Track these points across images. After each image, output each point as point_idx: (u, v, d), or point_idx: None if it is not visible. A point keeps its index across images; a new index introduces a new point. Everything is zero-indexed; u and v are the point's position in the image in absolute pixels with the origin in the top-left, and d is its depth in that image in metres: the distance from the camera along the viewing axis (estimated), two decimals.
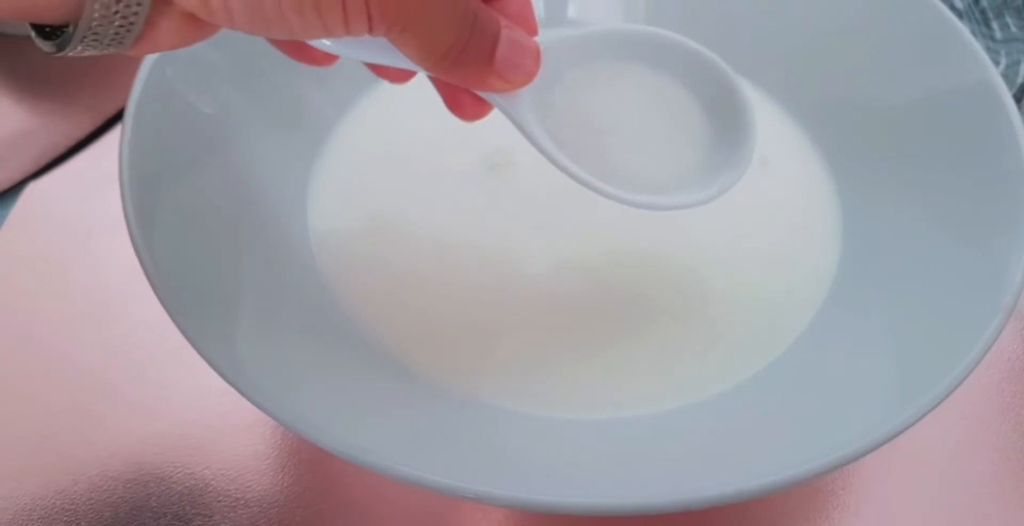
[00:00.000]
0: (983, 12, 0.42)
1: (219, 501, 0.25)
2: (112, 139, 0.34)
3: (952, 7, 0.43)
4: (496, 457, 0.22)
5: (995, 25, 0.41)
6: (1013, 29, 0.41)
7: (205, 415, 0.27)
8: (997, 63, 0.41)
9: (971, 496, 0.26)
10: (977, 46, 0.25)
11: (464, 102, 0.22)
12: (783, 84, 0.30)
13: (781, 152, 0.29)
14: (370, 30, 0.16)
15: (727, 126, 0.22)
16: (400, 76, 0.23)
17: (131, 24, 0.15)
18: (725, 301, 0.26)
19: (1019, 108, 0.40)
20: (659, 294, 0.26)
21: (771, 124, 0.30)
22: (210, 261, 0.23)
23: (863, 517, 0.25)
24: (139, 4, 0.15)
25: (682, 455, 0.22)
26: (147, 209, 0.22)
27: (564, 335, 0.25)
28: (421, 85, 0.32)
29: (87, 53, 0.15)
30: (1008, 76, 0.40)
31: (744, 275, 0.26)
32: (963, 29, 0.25)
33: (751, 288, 0.26)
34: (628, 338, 0.25)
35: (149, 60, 0.24)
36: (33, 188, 0.32)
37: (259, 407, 0.19)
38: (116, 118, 0.34)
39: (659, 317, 0.26)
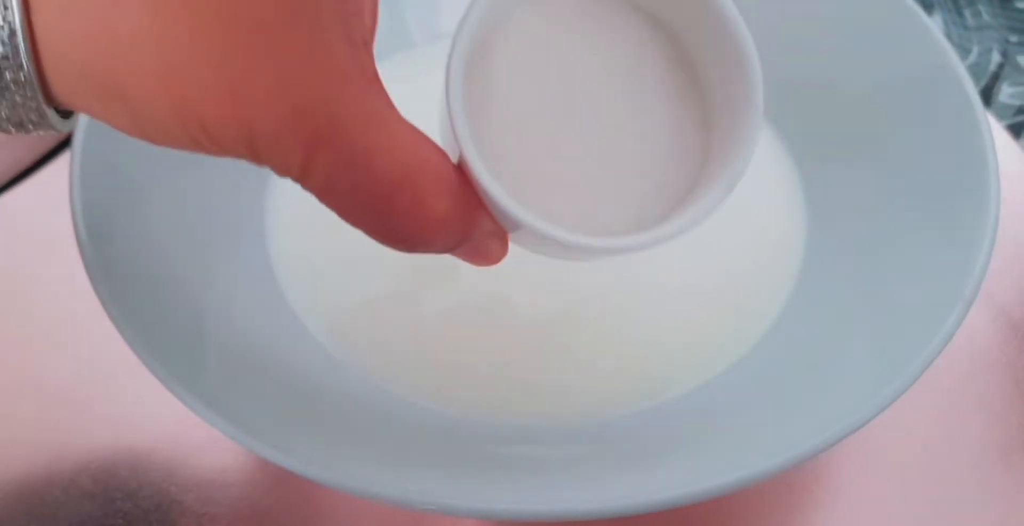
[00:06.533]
0: (955, 0, 0.42)
1: (186, 516, 0.25)
2: None
3: None
4: (465, 469, 0.22)
5: (967, 13, 0.41)
6: (985, 17, 0.41)
7: (173, 430, 0.26)
8: (969, 51, 0.40)
9: (944, 488, 0.25)
10: (938, 32, 0.25)
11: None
12: None
13: None
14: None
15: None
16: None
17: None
18: (687, 299, 0.26)
19: (991, 95, 0.40)
20: (618, 293, 0.26)
21: None
22: (172, 293, 0.23)
23: (837, 511, 0.25)
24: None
25: (652, 455, 0.22)
26: (102, 248, 0.21)
27: (529, 343, 0.25)
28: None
29: None
30: (980, 64, 0.40)
31: (706, 270, 0.26)
32: (924, 16, 0.25)
33: (714, 285, 0.26)
34: (594, 342, 0.25)
35: None
36: None
37: (225, 433, 0.19)
38: None
39: (620, 318, 0.25)
